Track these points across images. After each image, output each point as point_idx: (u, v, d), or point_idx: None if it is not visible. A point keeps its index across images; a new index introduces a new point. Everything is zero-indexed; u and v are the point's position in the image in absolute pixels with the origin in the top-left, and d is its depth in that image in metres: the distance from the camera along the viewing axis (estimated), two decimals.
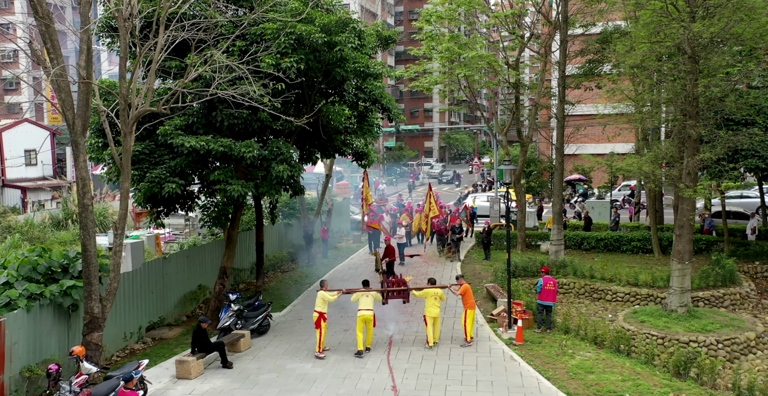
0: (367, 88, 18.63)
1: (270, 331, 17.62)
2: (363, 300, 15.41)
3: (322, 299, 15.30)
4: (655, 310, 17.82)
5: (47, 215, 33.17)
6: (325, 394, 13.19)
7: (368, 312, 15.21)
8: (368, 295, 15.47)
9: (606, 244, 27.78)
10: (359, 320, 15.23)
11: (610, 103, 26.58)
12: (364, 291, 15.67)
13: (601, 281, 22.25)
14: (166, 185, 15.38)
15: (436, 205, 29.88)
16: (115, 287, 14.09)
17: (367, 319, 15.24)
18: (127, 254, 21.90)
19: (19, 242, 27.69)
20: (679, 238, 17.24)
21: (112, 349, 16.08)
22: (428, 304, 15.73)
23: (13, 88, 59.99)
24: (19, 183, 40.66)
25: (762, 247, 25.26)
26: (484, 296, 20.79)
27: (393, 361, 15.04)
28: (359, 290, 15.85)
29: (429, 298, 15.72)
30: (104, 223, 33.89)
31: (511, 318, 16.95)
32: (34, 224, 31.21)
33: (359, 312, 15.27)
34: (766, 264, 24.15)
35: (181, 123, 15.96)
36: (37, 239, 29.20)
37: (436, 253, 28.03)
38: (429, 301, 15.72)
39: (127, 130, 13.58)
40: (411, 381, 13.79)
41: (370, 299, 15.43)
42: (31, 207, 39.38)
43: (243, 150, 15.49)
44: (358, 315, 15.25)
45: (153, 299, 18.00)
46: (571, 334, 16.53)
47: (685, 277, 17.26)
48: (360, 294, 15.56)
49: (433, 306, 15.64)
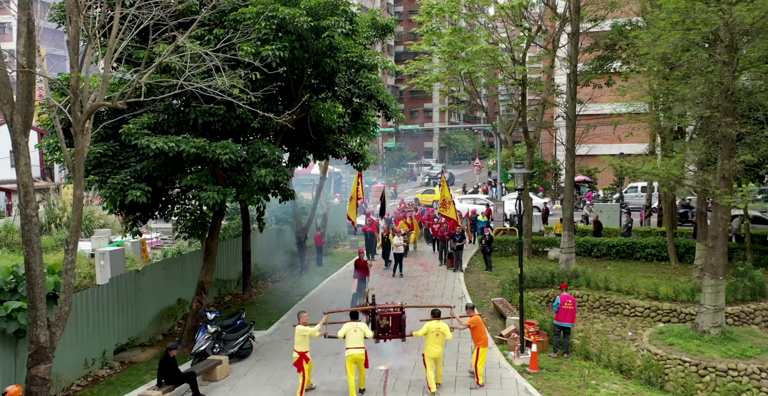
0: (362, 82, 16.39)
1: (253, 354, 15.38)
2: (351, 336, 12.32)
3: (302, 335, 12.34)
4: (684, 331, 15.56)
5: None
6: None
7: (358, 351, 12.24)
8: (357, 329, 12.41)
9: (618, 251, 25.54)
10: (348, 361, 12.29)
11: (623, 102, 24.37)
12: (352, 323, 12.62)
13: (617, 294, 19.99)
14: (130, 192, 13.13)
15: (449, 194, 27.76)
16: (66, 311, 11.82)
17: (357, 359, 12.30)
18: (105, 263, 19.66)
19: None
20: (712, 250, 15.00)
21: (72, 377, 13.85)
22: (428, 342, 12.65)
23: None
24: (4, 185, 38.35)
25: None
26: (491, 312, 18.54)
27: None
28: (342, 311, 13.46)
29: (429, 335, 12.63)
30: (89, 227, 31.72)
31: (524, 341, 14.70)
32: (14, 229, 28.98)
33: (348, 351, 12.26)
34: None
35: (150, 121, 13.70)
36: (17, 245, 26.97)
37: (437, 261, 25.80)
38: (429, 338, 12.64)
39: (78, 128, 11.32)
40: None
41: (360, 335, 12.36)
42: (16, 210, 37.12)
43: (218, 151, 13.24)
44: (347, 355, 12.28)
45: (123, 318, 15.77)
46: (592, 360, 14.29)
47: (719, 294, 15.03)
48: (348, 328, 12.45)
49: (433, 344, 12.58)
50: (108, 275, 18.83)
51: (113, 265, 19.44)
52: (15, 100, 10.88)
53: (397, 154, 78.06)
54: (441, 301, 19.93)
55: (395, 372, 13.82)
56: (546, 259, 25.90)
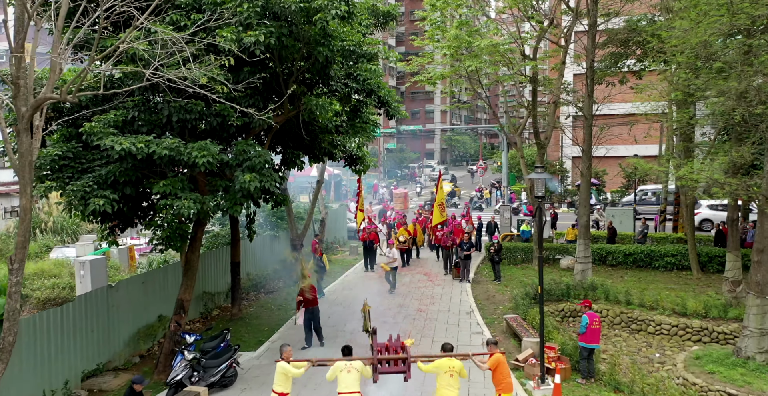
0: (360, 75, 14.42)
1: (237, 382, 13.41)
2: (344, 378, 9.75)
3: (284, 374, 10.09)
4: (724, 356, 13.59)
5: (12, 224, 28.98)
6: None
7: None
8: (350, 369, 9.82)
9: (635, 260, 23.56)
10: None
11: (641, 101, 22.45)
12: (345, 361, 10.01)
13: (640, 308, 18.02)
14: (92, 201, 11.16)
15: (444, 197, 25.82)
16: (10, 342, 9.88)
17: None
18: (86, 273, 17.81)
19: None
20: (757, 265, 13.04)
21: None
22: (440, 384, 9.87)
23: None
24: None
25: None
26: (504, 330, 16.57)
27: None
28: (334, 360, 10.22)
29: (441, 375, 9.87)
30: (76, 232, 29.82)
31: (545, 368, 12.71)
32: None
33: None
34: None
35: (117, 118, 11.73)
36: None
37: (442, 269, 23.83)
38: (441, 380, 9.86)
39: (22, 126, 9.38)
40: None
41: (354, 376, 9.76)
42: (1, 214, 35.21)
43: (195, 154, 11.28)
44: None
45: (92, 340, 13.80)
46: (623, 392, 12.32)
47: (766, 315, 13.04)
48: (339, 368, 9.89)
49: (447, 387, 9.77)
50: (89, 286, 16.95)
51: (94, 276, 17.59)
52: None
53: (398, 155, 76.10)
54: (447, 316, 17.98)
55: None
56: (557, 268, 23.94)
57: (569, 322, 18.47)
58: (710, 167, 12.76)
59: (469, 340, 15.88)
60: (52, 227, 29.53)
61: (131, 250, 24.06)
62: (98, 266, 17.76)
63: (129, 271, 23.03)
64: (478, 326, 17.01)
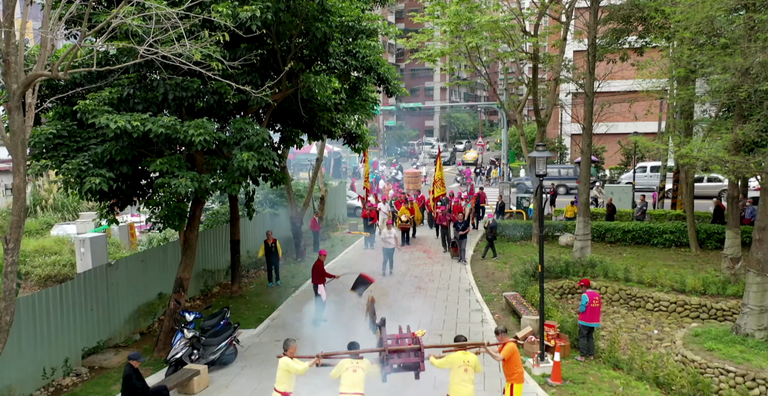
0: (359, 52, 14.07)
1: (237, 360, 13.30)
2: (348, 377, 9.00)
3: (286, 371, 9.32)
4: (723, 333, 13.47)
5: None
6: None
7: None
8: (357, 368, 9.06)
9: (634, 237, 23.40)
10: None
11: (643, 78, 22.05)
12: (351, 359, 9.28)
13: (639, 286, 17.87)
14: (88, 179, 10.91)
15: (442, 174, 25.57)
16: (7, 321, 9.71)
17: None
18: (86, 251, 17.65)
19: None
20: (759, 242, 12.84)
21: (28, 389, 11.79)
22: (454, 379, 9.18)
23: None
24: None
25: None
26: (503, 308, 16.45)
27: None
28: (340, 354, 9.50)
29: (455, 370, 9.18)
30: (76, 209, 29.58)
31: (544, 346, 12.60)
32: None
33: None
34: None
35: (112, 96, 11.44)
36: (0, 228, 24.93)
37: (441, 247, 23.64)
38: (455, 375, 9.17)
39: (14, 103, 9.09)
40: None
41: (360, 376, 9.01)
42: (2, 191, 34.98)
43: (192, 132, 11.00)
44: None
45: (92, 318, 13.69)
46: (622, 369, 12.21)
47: (766, 292, 12.90)
48: (345, 366, 9.14)
49: (461, 383, 9.08)
50: (89, 264, 16.79)
51: (94, 253, 17.43)
52: None
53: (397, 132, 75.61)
54: (447, 293, 17.87)
55: None
56: (557, 245, 23.79)
57: (568, 299, 18.36)
58: (713, 145, 12.51)
59: (468, 317, 15.77)
60: (52, 204, 29.31)
61: (131, 228, 23.90)
62: (98, 244, 17.60)
63: (129, 248, 22.88)
64: (477, 304, 16.90)
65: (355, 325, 13.59)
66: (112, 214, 14.58)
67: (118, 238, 22.97)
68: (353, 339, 10.00)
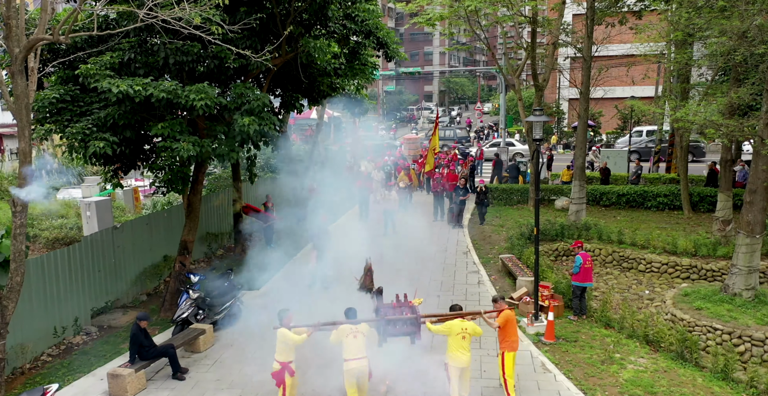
0: (358, 16, 13.90)
1: (241, 320, 13.50)
2: (350, 344, 8.94)
3: (284, 342, 9.16)
4: (712, 293, 13.68)
5: None
6: None
7: (359, 362, 8.90)
8: (357, 334, 9.01)
9: (628, 200, 23.51)
10: (347, 376, 8.95)
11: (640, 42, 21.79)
12: (350, 325, 9.16)
13: (632, 248, 18.05)
14: (92, 143, 10.92)
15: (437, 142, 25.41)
16: (18, 282, 9.85)
17: (359, 373, 8.94)
18: (92, 214, 17.72)
19: None
20: (749, 205, 12.93)
21: (41, 346, 12.03)
22: (452, 346, 9.18)
23: None
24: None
25: None
26: (499, 270, 16.64)
27: None
28: (337, 323, 9.31)
29: (453, 337, 9.16)
30: (81, 174, 29.59)
31: (538, 306, 12.81)
32: (3, 176, 26.90)
33: (346, 363, 8.93)
34: None
35: (113, 61, 11.34)
36: (5, 192, 24.99)
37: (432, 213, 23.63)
38: (453, 342, 9.16)
39: (16, 67, 9.04)
40: None
41: (361, 341, 8.97)
42: (8, 155, 34.92)
43: (193, 96, 10.96)
44: (346, 369, 8.94)
45: (100, 279, 13.86)
46: (613, 328, 12.45)
47: (755, 253, 13.07)
48: (345, 332, 9.04)
49: (459, 349, 9.09)
50: (95, 227, 16.89)
51: (100, 217, 17.49)
52: None
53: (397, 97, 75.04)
54: (445, 256, 18.07)
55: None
56: (552, 209, 23.90)
57: (563, 261, 18.56)
58: (708, 109, 12.47)
59: (465, 279, 15.98)
60: (57, 169, 29.31)
61: (135, 192, 23.96)
62: (104, 207, 17.65)
63: (134, 212, 22.99)
64: (474, 266, 17.09)
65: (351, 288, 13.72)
66: (116, 178, 14.63)
67: (122, 202, 23.06)
68: (350, 301, 10.17)
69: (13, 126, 37.77)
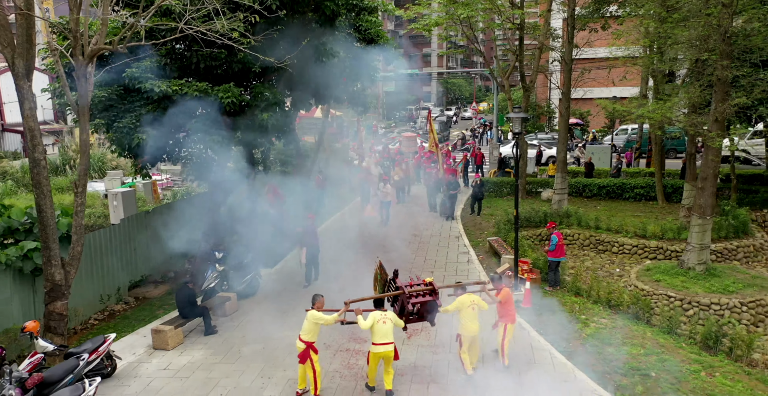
0: (362, 26, 15.65)
1: (259, 292, 15.30)
2: (379, 328, 9.59)
3: (314, 323, 9.75)
4: (671, 267, 15.46)
5: None
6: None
7: (388, 347, 9.56)
8: (386, 320, 9.67)
9: (608, 192, 25.29)
10: (374, 358, 9.75)
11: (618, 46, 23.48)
12: (379, 312, 9.81)
13: (607, 232, 19.83)
14: (136, 136, 12.69)
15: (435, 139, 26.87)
16: (78, 251, 11.63)
17: (387, 356, 9.66)
18: (118, 204, 19.50)
19: (14, 189, 25.27)
20: (701, 191, 14.69)
21: (89, 311, 13.83)
22: (464, 318, 10.20)
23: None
24: (19, 127, 37.64)
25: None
26: (487, 250, 18.43)
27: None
28: (365, 299, 10.11)
29: (465, 310, 10.21)
30: (102, 169, 31.33)
31: (518, 278, 14.60)
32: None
33: (375, 348, 9.59)
34: None
35: (153, 65, 13.11)
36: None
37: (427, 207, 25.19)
38: (465, 315, 10.20)
39: (80, 72, 10.80)
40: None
41: (389, 327, 9.65)
42: None
43: (221, 95, 12.75)
44: (374, 351, 9.62)
45: (136, 256, 15.63)
46: (582, 296, 14.23)
47: (706, 233, 14.83)
48: (376, 318, 9.67)
49: (471, 320, 10.15)
50: (121, 215, 18.64)
51: (125, 206, 19.26)
52: (15, 43, 10.34)
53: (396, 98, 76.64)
54: (438, 240, 19.83)
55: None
56: (539, 200, 25.66)
57: (545, 245, 20.27)
58: (662, 107, 14.20)
59: (456, 258, 17.74)
60: None
61: (154, 185, 25.75)
62: (129, 197, 19.43)
63: (153, 202, 24.76)
64: (465, 247, 18.86)
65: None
66: (144, 169, 16.39)
67: (142, 194, 24.83)
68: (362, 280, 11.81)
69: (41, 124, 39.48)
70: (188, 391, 10.33)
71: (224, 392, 10.26)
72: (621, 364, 10.76)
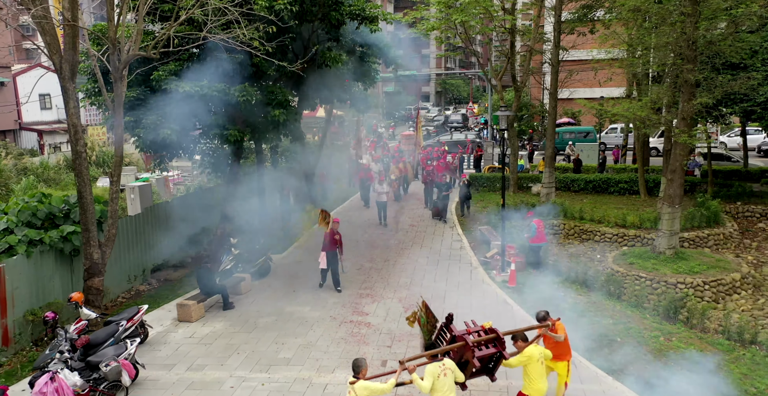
0: (364, 32, 17.06)
1: (271, 274, 16.72)
2: (442, 384, 7.81)
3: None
4: (644, 252, 16.87)
5: (62, 157, 31.99)
6: (322, 338, 12.36)
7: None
8: (446, 371, 7.85)
9: (594, 186, 26.70)
10: None
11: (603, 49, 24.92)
12: (439, 365, 7.85)
13: (590, 223, 21.23)
14: (161, 131, 14.09)
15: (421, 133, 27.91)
16: (113, 233, 13.06)
17: None
18: (135, 197, 20.88)
19: (35, 183, 26.66)
20: (670, 182, 16.10)
21: (117, 291, 15.24)
22: (533, 375, 8.40)
23: (31, 33, 57.31)
24: (36, 126, 39.16)
25: (744, 188, 24.26)
26: (478, 239, 19.82)
27: None
28: (424, 355, 8.21)
29: (533, 365, 8.37)
30: None
31: (505, 261, 16.02)
32: (49, 166, 30.07)
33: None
34: (747, 204, 23.12)
35: (176, 68, 14.52)
36: (53, 181, 28.17)
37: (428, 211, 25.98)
38: (534, 370, 8.39)
39: (117, 75, 12.22)
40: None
41: (450, 379, 7.88)
42: (48, 149, 38.09)
43: (237, 94, 14.15)
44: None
45: (158, 242, 17.03)
46: (562, 277, 15.64)
47: (675, 220, 16.23)
48: (435, 373, 7.78)
49: (540, 378, 8.40)
50: (138, 207, 20.03)
51: (142, 198, 20.62)
52: (62, 50, 11.73)
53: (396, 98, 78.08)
54: (434, 229, 21.22)
55: None
56: (530, 194, 27.03)
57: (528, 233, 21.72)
58: (634, 105, 15.59)
59: (450, 245, 19.15)
60: (95, 161, 32.47)
61: (167, 180, 27.18)
62: (145, 191, 20.81)
63: (166, 196, 26.19)
64: (458, 236, 20.28)
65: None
66: (163, 163, 17.81)
67: (156, 188, 26.25)
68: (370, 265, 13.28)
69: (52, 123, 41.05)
70: (212, 355, 11.75)
71: (244, 355, 11.67)
72: (591, 331, 12.16)
